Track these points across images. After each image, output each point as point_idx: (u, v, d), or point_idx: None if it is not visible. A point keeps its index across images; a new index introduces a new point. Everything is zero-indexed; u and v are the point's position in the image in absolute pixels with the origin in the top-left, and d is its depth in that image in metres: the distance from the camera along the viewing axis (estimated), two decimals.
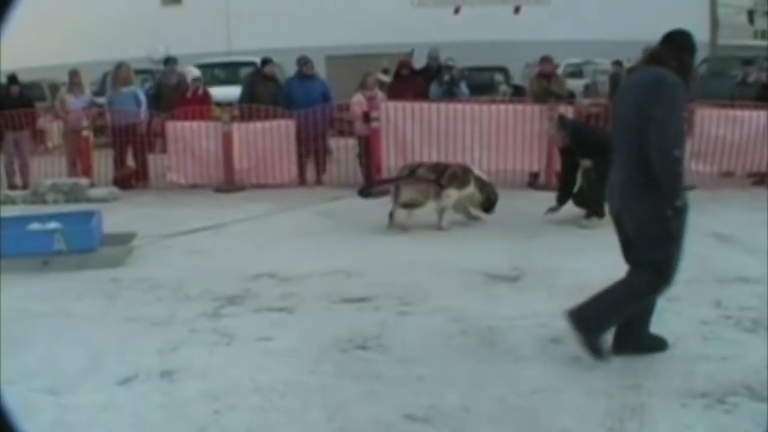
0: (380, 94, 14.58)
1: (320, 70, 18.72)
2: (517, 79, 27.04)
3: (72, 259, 9.15)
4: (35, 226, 9.58)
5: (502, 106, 14.36)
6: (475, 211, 11.20)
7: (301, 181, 14.62)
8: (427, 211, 10.75)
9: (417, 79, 15.27)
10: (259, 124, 14.35)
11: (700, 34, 29.77)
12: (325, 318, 7.10)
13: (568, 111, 14.00)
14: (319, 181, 14.77)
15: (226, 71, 25.48)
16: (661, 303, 7.29)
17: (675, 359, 6.08)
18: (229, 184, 14.21)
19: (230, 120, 14.42)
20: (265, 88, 15.31)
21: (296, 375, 5.75)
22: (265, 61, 16.01)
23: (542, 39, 27.74)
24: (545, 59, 15.12)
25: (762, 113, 14.35)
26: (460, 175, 10.84)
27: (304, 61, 15.16)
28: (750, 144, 14.10)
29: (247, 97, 15.41)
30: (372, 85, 14.61)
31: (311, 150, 14.76)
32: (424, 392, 5.48)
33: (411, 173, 10.79)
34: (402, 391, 5.50)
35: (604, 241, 9.32)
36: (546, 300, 7.53)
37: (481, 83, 22.79)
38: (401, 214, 10.66)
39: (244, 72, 22.08)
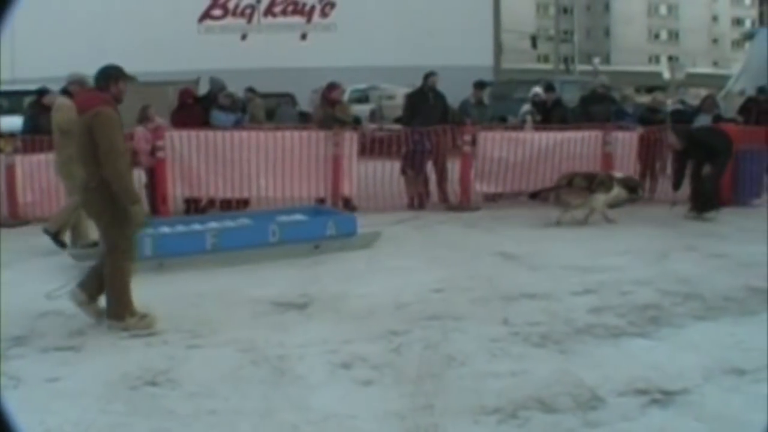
0: (162, 121, 14.26)
1: None
2: (304, 106, 27.16)
3: (336, 243, 10.84)
4: (279, 218, 11.16)
5: (287, 133, 14.34)
6: (611, 215, 13.17)
7: None
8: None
9: (197, 107, 15.08)
10: (42, 156, 13.78)
11: (485, 59, 30.66)
12: (114, 355, 6.87)
13: (353, 137, 14.18)
14: None
15: (9, 100, 24.54)
16: (449, 323, 7.49)
17: (465, 377, 6.20)
18: (14, 218, 13.62)
19: (13, 152, 13.89)
20: (47, 119, 14.75)
21: (86, 415, 5.55)
22: (42, 92, 15.43)
23: (329, 65, 27.98)
24: (331, 86, 15.20)
25: (543, 134, 14.92)
26: (606, 182, 13.03)
27: None
28: (532, 164, 14.64)
29: (30, 128, 14.81)
30: (152, 116, 14.28)
31: None
32: (216, 426, 5.41)
33: (569, 183, 12.98)
34: (194, 427, 5.41)
35: (390, 265, 9.50)
36: (334, 326, 7.57)
37: (268, 110, 22.80)
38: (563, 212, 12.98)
39: (28, 101, 21.26)
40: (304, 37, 36.70)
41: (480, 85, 16.48)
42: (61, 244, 11.08)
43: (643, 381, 6.11)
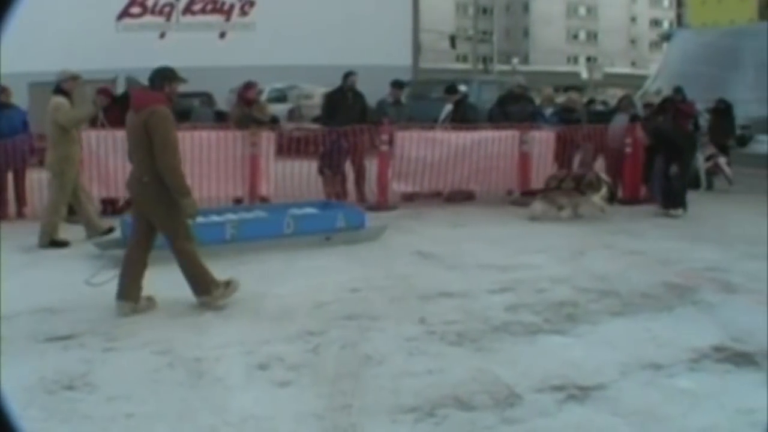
0: None
1: (23, 97, 17.94)
2: (222, 105, 26.97)
3: (346, 235, 11.42)
4: (292, 211, 11.83)
5: (204, 133, 14.22)
6: (601, 206, 13.83)
7: (1, 215, 13.89)
8: None
9: (115, 107, 14.88)
10: None
11: (404, 59, 30.60)
12: (30, 359, 6.72)
13: (270, 137, 14.16)
14: (21, 215, 14.08)
15: None
16: (366, 322, 7.50)
17: (382, 377, 6.23)
18: None
19: None
20: None
21: None
22: None
23: (248, 64, 27.83)
24: (248, 85, 15.15)
25: (460, 134, 15.02)
26: (594, 183, 13.81)
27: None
28: (450, 163, 14.74)
29: None
30: None
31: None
32: (134, 429, 5.37)
33: (558, 186, 13.78)
34: (111, 431, 5.36)
35: (308, 265, 9.46)
36: (252, 326, 7.54)
37: (184, 110, 22.61)
38: (540, 205, 13.70)
39: None
40: (222, 35, 36.40)
41: (397, 85, 16.50)
42: (63, 244, 11.31)
43: (559, 377, 6.20)
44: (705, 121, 19.67)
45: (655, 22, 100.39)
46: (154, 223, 8.17)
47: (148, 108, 7.85)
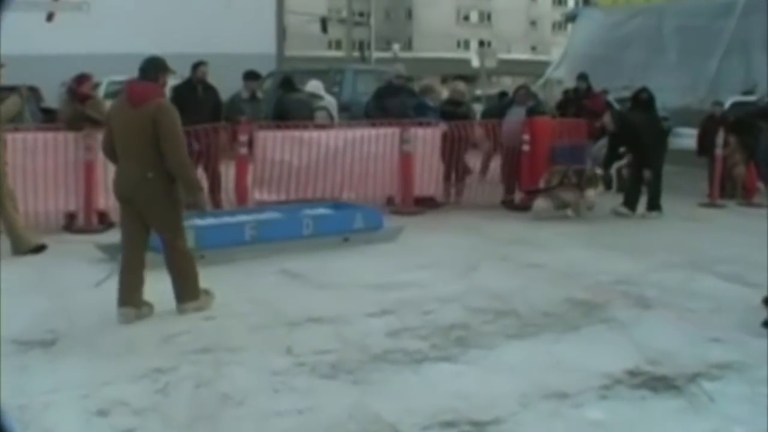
0: None
1: None
2: (50, 101, 26.49)
3: (363, 236, 12.63)
4: (308, 211, 13.00)
5: (29, 135, 13.83)
6: (591, 204, 15.56)
7: None
8: None
9: None
10: None
11: (266, 46, 30.36)
12: None
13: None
14: None
15: None
16: (223, 355, 7.47)
17: (244, 418, 6.21)
18: None
19: None
20: None
21: None
22: None
23: (81, 52, 27.45)
24: (81, 77, 14.87)
25: (332, 133, 15.10)
26: (593, 179, 15.47)
27: None
28: (320, 167, 14.71)
29: None
30: None
31: None
32: None
33: (561, 182, 15.34)
34: None
35: (150, 290, 9.28)
36: (88, 365, 7.41)
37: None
38: (544, 203, 15.28)
39: None
40: (50, 18, 35.82)
41: (252, 77, 16.31)
42: (40, 247, 11.96)
43: (450, 412, 6.27)
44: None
45: (559, 1, 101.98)
46: (153, 221, 8.82)
47: (151, 102, 8.42)
